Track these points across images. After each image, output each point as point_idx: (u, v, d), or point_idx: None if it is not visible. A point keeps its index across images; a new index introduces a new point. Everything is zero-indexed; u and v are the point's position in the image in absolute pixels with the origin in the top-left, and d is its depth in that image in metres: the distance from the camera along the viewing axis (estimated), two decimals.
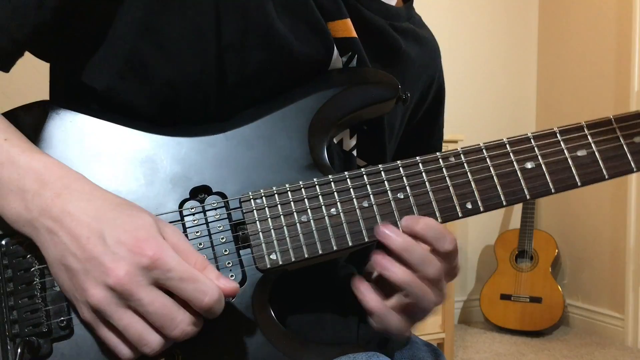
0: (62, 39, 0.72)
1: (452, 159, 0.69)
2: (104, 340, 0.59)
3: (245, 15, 0.70)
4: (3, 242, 0.64)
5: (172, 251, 0.57)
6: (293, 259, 0.65)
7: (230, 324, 0.65)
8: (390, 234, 0.65)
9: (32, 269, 0.63)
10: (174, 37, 0.69)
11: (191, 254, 0.60)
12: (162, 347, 0.58)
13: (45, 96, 0.78)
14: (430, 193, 0.68)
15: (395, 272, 0.64)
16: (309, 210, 0.66)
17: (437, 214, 0.67)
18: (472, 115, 3.71)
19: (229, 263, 0.64)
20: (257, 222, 0.66)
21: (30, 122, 0.68)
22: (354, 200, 0.67)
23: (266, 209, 0.66)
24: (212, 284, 0.58)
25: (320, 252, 0.65)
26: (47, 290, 0.63)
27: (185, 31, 0.69)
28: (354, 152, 0.81)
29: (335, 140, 0.78)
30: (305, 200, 0.67)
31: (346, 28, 0.76)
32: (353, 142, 0.80)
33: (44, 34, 0.69)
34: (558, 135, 0.70)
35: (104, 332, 0.58)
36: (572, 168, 0.69)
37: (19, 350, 0.60)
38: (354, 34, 0.77)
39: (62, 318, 0.62)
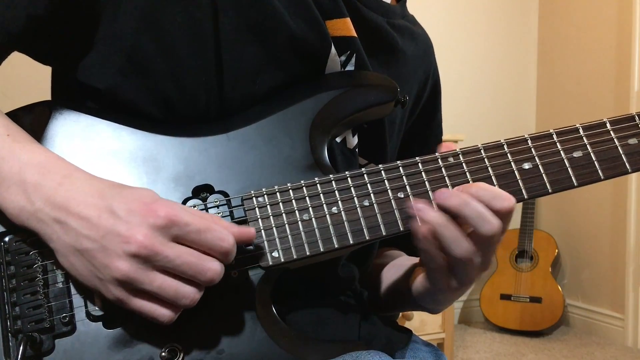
0: (61, 40, 0.73)
1: (451, 159, 0.70)
2: (139, 312, 0.59)
3: (242, 11, 0.71)
4: (6, 239, 0.65)
5: (182, 208, 0.59)
6: (295, 257, 0.65)
7: (232, 321, 0.65)
8: (447, 195, 0.65)
9: (35, 265, 0.64)
10: (173, 32, 0.70)
11: (203, 212, 0.62)
12: (198, 296, 0.59)
13: (45, 96, 0.78)
14: (430, 193, 0.68)
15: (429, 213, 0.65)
16: (310, 208, 0.67)
17: None
18: (473, 115, 3.71)
19: (232, 261, 0.65)
20: (259, 220, 0.66)
21: (34, 121, 0.69)
22: (355, 199, 0.68)
23: (268, 207, 0.67)
24: (226, 231, 0.60)
25: (321, 249, 0.66)
26: (49, 287, 0.64)
27: (184, 26, 0.70)
28: (356, 151, 0.81)
29: (338, 140, 0.78)
30: (307, 198, 0.67)
31: (345, 27, 0.77)
32: (355, 140, 0.81)
33: (39, 30, 0.69)
34: (554, 136, 0.70)
35: (137, 303, 0.59)
36: (569, 169, 0.69)
37: (21, 346, 0.60)
38: (354, 34, 0.77)
39: (64, 314, 0.63)
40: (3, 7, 0.66)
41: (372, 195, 0.68)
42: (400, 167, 0.69)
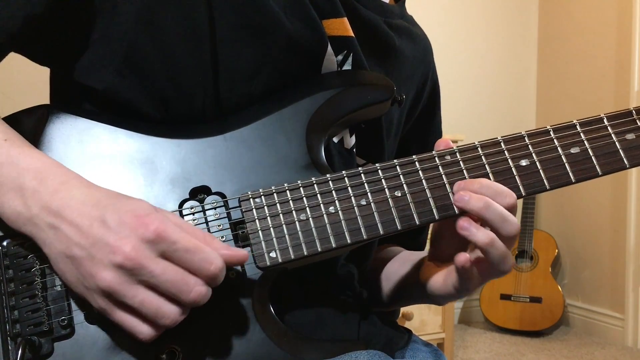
0: (58, 40, 0.73)
1: (448, 157, 0.70)
2: (121, 325, 0.59)
3: (238, 11, 0.71)
4: (4, 243, 0.65)
5: (173, 224, 0.58)
6: (292, 257, 0.65)
7: (230, 322, 0.65)
8: (467, 197, 0.66)
9: (33, 269, 0.64)
10: (170, 32, 0.70)
11: (196, 230, 0.61)
12: (179, 317, 0.59)
13: (45, 97, 0.79)
14: (427, 191, 0.68)
15: (477, 234, 0.66)
16: (307, 208, 0.67)
17: (434, 211, 0.68)
18: (472, 116, 3.71)
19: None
20: (257, 220, 0.66)
21: (32, 125, 0.69)
22: (352, 198, 0.68)
23: (265, 207, 0.67)
24: (215, 254, 0.59)
25: (319, 249, 0.66)
26: (48, 290, 0.64)
27: (181, 26, 0.70)
28: (354, 150, 0.81)
29: (335, 140, 0.78)
30: (304, 199, 0.67)
31: (342, 27, 0.77)
32: (353, 140, 0.81)
33: (36, 29, 0.69)
34: (551, 133, 0.70)
35: (119, 316, 0.58)
36: (566, 165, 0.69)
37: (20, 349, 0.60)
38: (351, 33, 0.77)
39: (63, 317, 0.63)
40: (1, 6, 0.66)
41: (369, 194, 0.68)
42: (397, 166, 0.69)
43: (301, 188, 0.68)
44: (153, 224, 0.57)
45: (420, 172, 0.69)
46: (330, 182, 0.68)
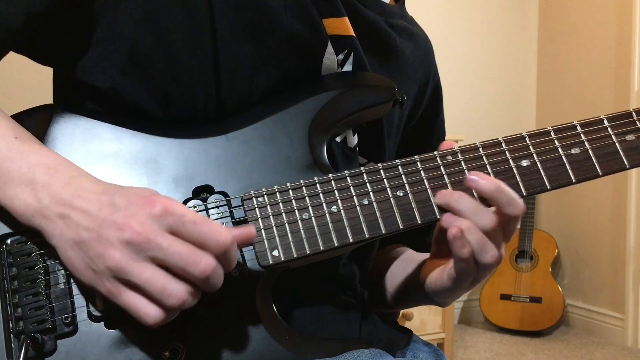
0: (59, 39, 0.73)
1: (450, 157, 0.70)
2: (127, 308, 0.58)
3: (237, 10, 0.71)
4: (8, 241, 0.65)
5: (181, 204, 0.59)
6: (295, 255, 0.66)
7: (233, 319, 0.66)
8: (479, 180, 0.66)
9: (37, 266, 0.64)
10: (172, 31, 0.70)
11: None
12: (187, 297, 0.57)
13: (45, 97, 0.79)
14: (429, 190, 0.69)
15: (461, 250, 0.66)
16: (310, 207, 0.67)
17: (436, 211, 0.68)
18: (473, 116, 3.72)
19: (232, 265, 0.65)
20: (259, 219, 0.67)
21: (35, 125, 0.69)
22: (354, 198, 0.68)
23: (268, 206, 0.67)
24: (224, 227, 0.59)
25: (321, 248, 0.66)
26: (51, 288, 0.64)
27: (183, 25, 0.70)
28: (357, 149, 0.82)
29: (338, 139, 0.79)
30: (306, 198, 0.67)
31: (343, 26, 0.77)
32: (356, 139, 0.81)
33: (37, 28, 0.70)
34: (552, 133, 0.71)
35: (126, 298, 0.57)
36: (567, 165, 0.70)
37: (23, 346, 0.60)
38: (351, 33, 0.78)
39: (66, 315, 0.63)
40: (2, 4, 0.67)
41: (371, 194, 0.68)
42: (399, 166, 0.70)
43: (303, 187, 0.68)
44: (160, 202, 0.57)
45: (422, 171, 0.69)
46: (332, 181, 0.68)
